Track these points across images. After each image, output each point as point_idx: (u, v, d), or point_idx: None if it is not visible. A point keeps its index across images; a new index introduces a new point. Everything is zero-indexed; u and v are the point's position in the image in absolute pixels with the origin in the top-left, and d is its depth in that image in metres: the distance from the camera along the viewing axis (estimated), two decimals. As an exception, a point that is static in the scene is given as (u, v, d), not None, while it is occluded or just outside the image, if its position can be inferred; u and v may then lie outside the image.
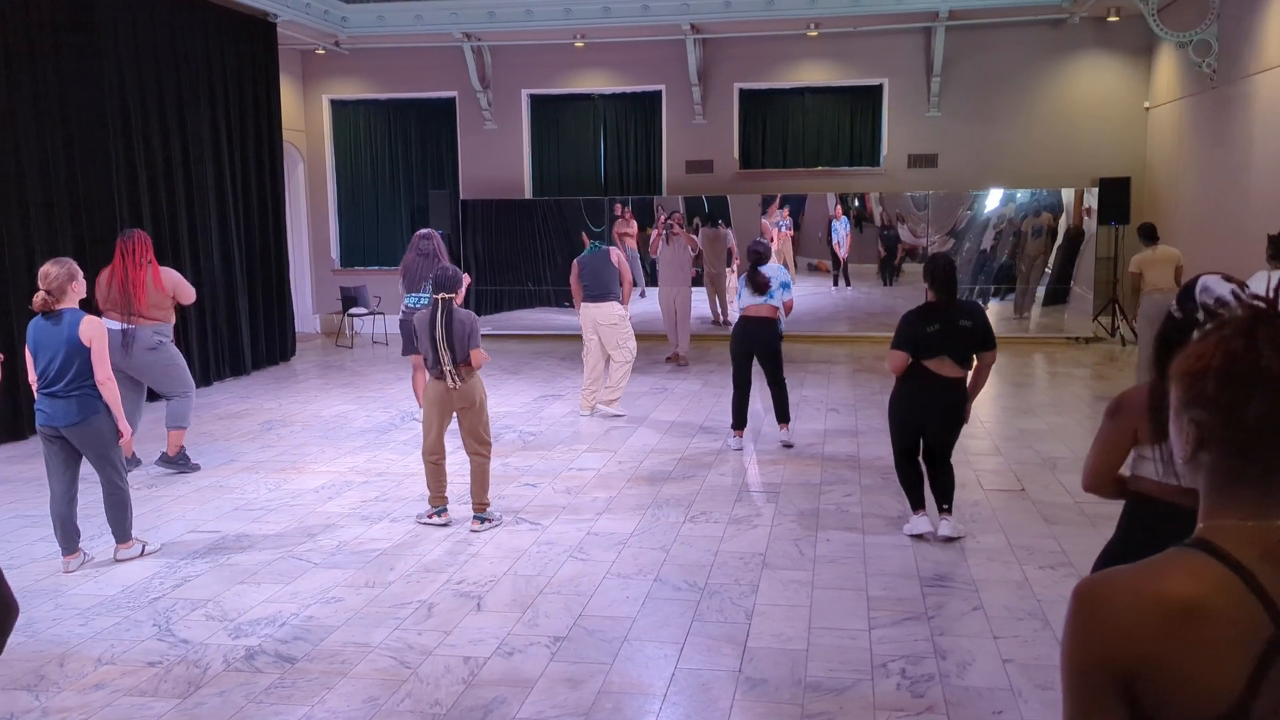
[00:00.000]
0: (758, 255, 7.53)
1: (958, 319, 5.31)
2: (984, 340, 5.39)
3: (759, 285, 7.38)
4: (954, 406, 5.42)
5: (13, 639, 4.45)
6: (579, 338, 12.07)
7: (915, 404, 5.46)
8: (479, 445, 5.87)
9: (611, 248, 8.96)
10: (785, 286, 7.57)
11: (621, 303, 8.83)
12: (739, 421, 7.70)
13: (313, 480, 7.00)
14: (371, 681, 3.99)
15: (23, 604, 4.85)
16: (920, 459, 5.65)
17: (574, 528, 5.86)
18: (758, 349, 7.51)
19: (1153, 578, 1.19)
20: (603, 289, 8.71)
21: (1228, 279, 2.73)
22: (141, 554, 5.48)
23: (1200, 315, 2.68)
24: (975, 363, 5.46)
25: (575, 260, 8.94)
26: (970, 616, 4.54)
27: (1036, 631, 4.37)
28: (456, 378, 5.70)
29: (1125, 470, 2.96)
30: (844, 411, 8.91)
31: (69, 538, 5.32)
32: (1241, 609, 1.14)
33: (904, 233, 13.32)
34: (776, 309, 7.47)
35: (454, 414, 5.87)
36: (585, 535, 5.72)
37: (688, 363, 11.72)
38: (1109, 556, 2.94)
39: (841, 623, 4.48)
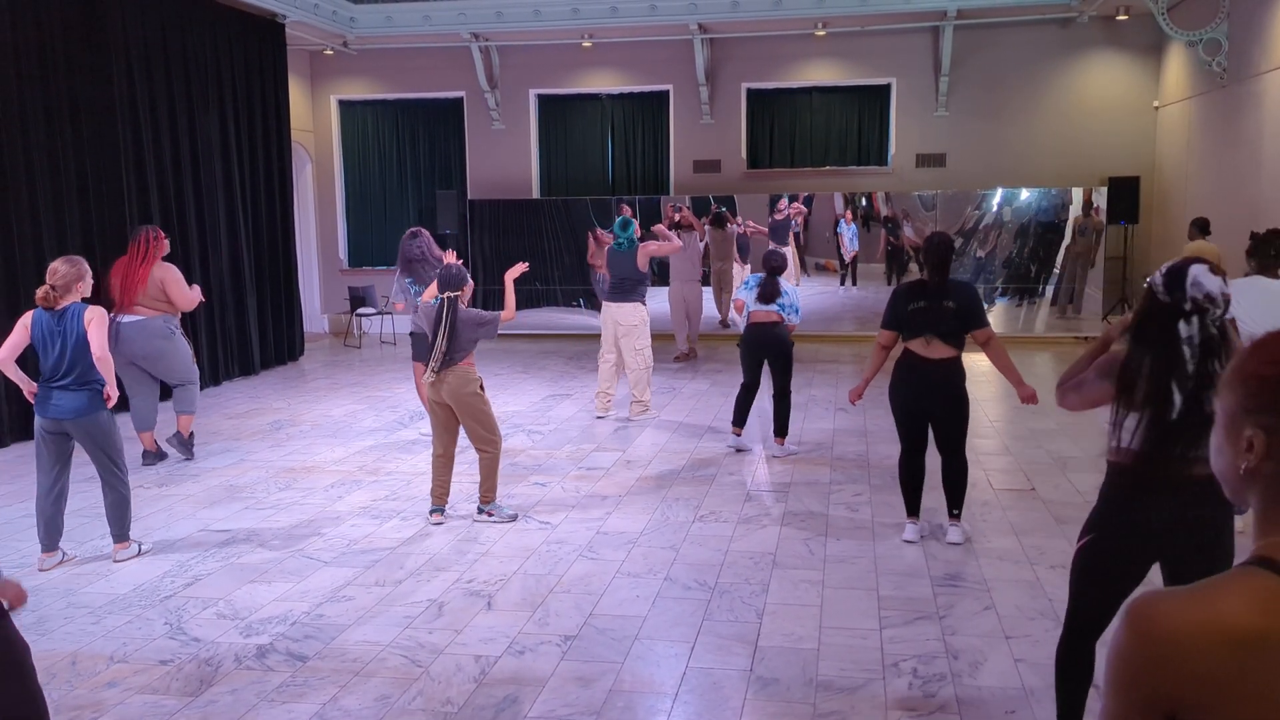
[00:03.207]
0: (775, 266, 7.37)
1: (943, 299, 5.18)
2: (968, 319, 5.20)
3: (768, 294, 7.25)
4: (950, 387, 5.26)
5: (24, 637, 4.46)
6: (586, 337, 12.17)
7: (910, 390, 5.32)
8: (483, 443, 5.88)
9: (643, 244, 8.57)
10: (794, 310, 7.34)
11: (644, 303, 8.59)
12: (740, 419, 7.55)
13: (322, 479, 7.01)
14: (383, 680, 3.99)
15: (34, 602, 4.88)
16: (926, 455, 5.55)
17: (583, 527, 5.86)
18: (770, 354, 7.33)
19: (1213, 602, 1.11)
20: (627, 289, 8.48)
21: (1214, 270, 2.78)
22: (139, 554, 5.47)
23: (1188, 305, 2.75)
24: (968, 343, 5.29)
25: (607, 249, 8.79)
26: (982, 616, 4.53)
27: (1048, 631, 4.35)
28: (436, 374, 5.70)
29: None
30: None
31: (51, 535, 5.34)
32: None
33: (908, 230, 13.29)
34: (782, 316, 7.30)
35: (448, 410, 5.88)
36: (595, 534, 5.72)
37: (697, 355, 11.83)
38: (1090, 527, 3.10)
39: (852, 622, 4.47)
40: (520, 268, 6.39)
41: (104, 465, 5.36)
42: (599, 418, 8.76)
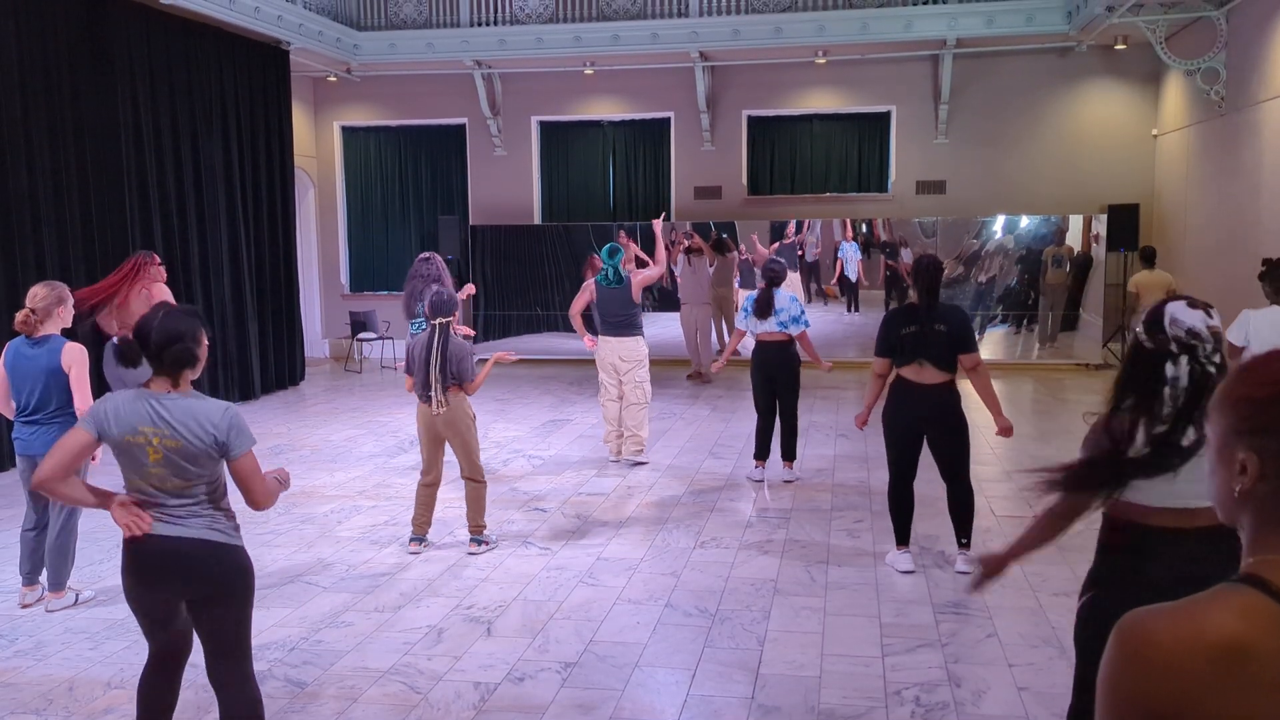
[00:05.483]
0: (773, 274, 7.14)
1: (934, 323, 5.15)
2: (959, 343, 5.16)
3: (764, 308, 7.05)
4: (946, 409, 5.24)
5: (22, 662, 4.44)
6: (587, 363, 12.15)
7: (905, 414, 5.28)
8: (474, 471, 5.85)
9: (634, 274, 7.97)
10: (795, 320, 7.13)
11: (643, 335, 8.00)
12: (762, 451, 7.44)
13: (322, 504, 6.99)
14: (382, 706, 3.96)
15: (32, 628, 4.85)
16: (914, 483, 5.51)
17: (584, 553, 5.83)
18: (778, 375, 7.21)
19: (1197, 618, 1.13)
20: (626, 322, 7.86)
21: (1193, 305, 2.64)
22: (75, 603, 5.11)
23: (1173, 346, 2.59)
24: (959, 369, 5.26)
25: (590, 283, 8.00)
26: (984, 644, 4.50)
27: (1051, 659, 4.33)
28: (442, 403, 5.68)
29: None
30: (853, 438, 8.88)
31: (35, 568, 5.16)
32: None
33: (907, 256, 13.33)
34: (789, 335, 7.16)
35: (444, 440, 5.85)
36: (595, 560, 5.70)
37: (710, 380, 12.02)
38: (1091, 583, 2.84)
39: (854, 649, 4.44)
40: (507, 358, 6.20)
41: (59, 505, 5.03)
42: (613, 461, 8.10)
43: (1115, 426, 2.62)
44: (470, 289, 8.27)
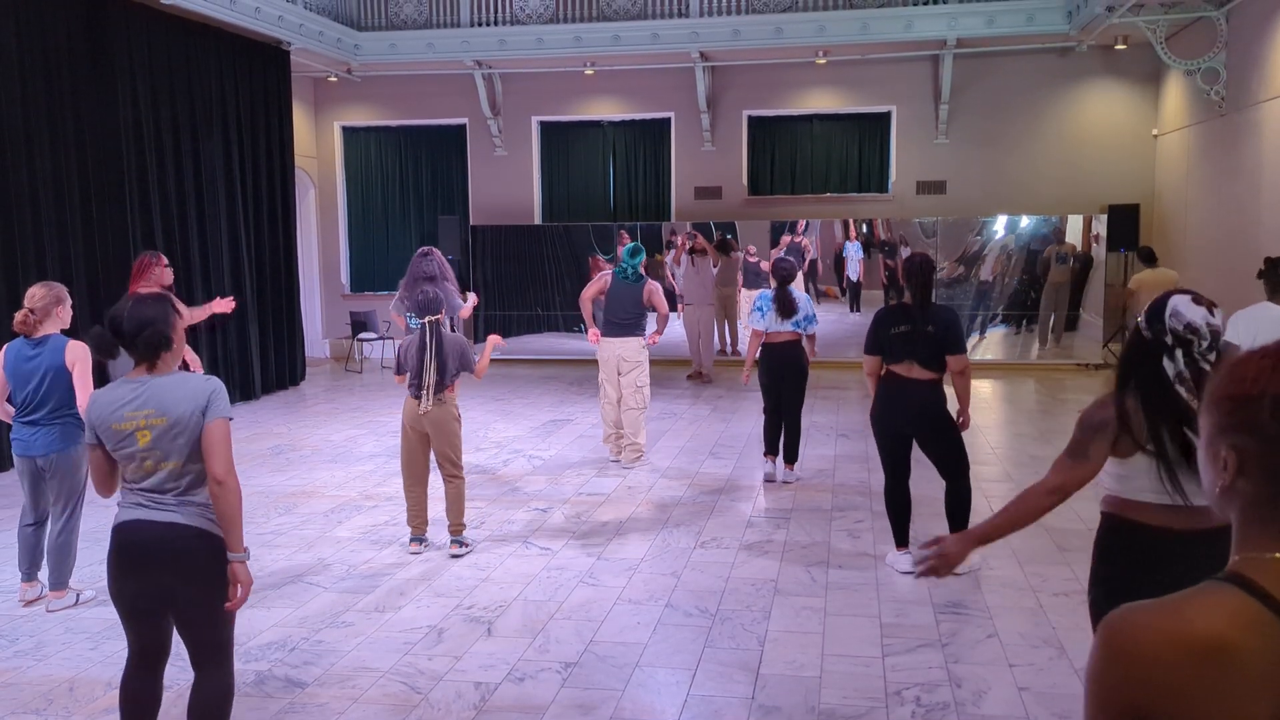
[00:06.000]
0: (785, 274, 7.09)
1: (925, 324, 5.17)
2: (947, 344, 5.20)
3: (787, 308, 7.00)
4: (932, 407, 5.27)
5: (22, 662, 4.45)
6: (587, 363, 12.16)
7: (891, 411, 5.32)
8: (452, 469, 5.84)
9: (649, 282, 7.90)
10: (810, 320, 7.13)
11: (648, 337, 7.91)
12: (771, 447, 7.41)
13: (322, 504, 7.00)
14: (382, 707, 3.96)
15: (32, 628, 4.85)
16: (909, 482, 5.52)
17: (584, 553, 5.83)
18: (786, 375, 7.16)
19: (1180, 615, 1.14)
20: (629, 323, 7.84)
21: (1197, 300, 2.64)
22: (76, 603, 5.10)
23: (1168, 339, 2.61)
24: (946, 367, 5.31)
25: (607, 274, 8.01)
26: (985, 644, 4.50)
27: (1052, 660, 4.32)
28: (430, 401, 5.65)
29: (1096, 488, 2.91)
30: (854, 438, 8.89)
31: (34, 563, 5.16)
32: (1276, 648, 1.09)
33: (906, 255, 13.34)
34: (800, 335, 7.12)
35: (427, 438, 5.81)
36: (595, 560, 5.70)
37: (711, 380, 12.08)
38: (1099, 584, 2.85)
39: (855, 650, 4.44)
40: (499, 341, 6.16)
41: (65, 504, 5.08)
42: (613, 461, 8.05)
43: (1124, 413, 2.66)
44: (473, 299, 8.41)
